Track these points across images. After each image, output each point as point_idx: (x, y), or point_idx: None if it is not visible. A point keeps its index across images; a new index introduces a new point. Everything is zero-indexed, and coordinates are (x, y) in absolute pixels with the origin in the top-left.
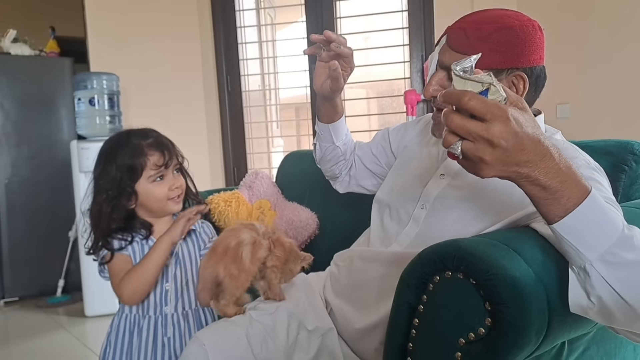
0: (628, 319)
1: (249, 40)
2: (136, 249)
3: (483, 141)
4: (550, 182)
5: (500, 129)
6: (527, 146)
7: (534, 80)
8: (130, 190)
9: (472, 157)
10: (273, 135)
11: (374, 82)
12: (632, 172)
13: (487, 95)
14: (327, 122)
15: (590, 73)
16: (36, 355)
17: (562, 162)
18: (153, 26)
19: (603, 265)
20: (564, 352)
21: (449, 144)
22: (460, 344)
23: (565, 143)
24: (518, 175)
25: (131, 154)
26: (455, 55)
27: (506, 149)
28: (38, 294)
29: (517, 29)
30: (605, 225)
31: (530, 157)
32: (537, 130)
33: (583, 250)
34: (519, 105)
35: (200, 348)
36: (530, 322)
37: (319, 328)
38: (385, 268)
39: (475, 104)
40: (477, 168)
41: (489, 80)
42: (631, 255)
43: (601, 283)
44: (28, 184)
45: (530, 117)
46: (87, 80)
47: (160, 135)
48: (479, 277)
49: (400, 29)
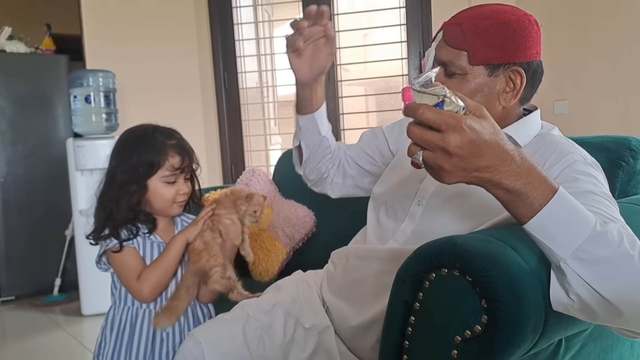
0: (609, 315)
1: (246, 37)
2: (141, 243)
3: (440, 150)
4: (514, 185)
5: (455, 138)
6: (485, 152)
7: (531, 75)
8: (143, 183)
9: (433, 165)
10: (271, 132)
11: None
12: (629, 168)
13: (442, 106)
14: (312, 112)
15: (588, 70)
16: (33, 355)
17: (524, 164)
18: (149, 23)
19: (577, 262)
20: (561, 350)
21: (412, 153)
22: (456, 342)
23: (562, 138)
24: (480, 180)
25: (154, 150)
26: (452, 51)
27: (463, 157)
28: (34, 293)
29: (513, 24)
30: (574, 223)
31: (489, 163)
32: (496, 135)
33: (555, 249)
34: (477, 113)
35: (196, 345)
36: (526, 320)
37: (315, 326)
38: (382, 265)
39: (429, 116)
40: (439, 175)
41: (443, 93)
42: (604, 251)
43: (577, 280)
44: (24, 182)
45: (488, 124)
46: (83, 78)
47: (183, 139)
48: (475, 274)
49: (398, 26)
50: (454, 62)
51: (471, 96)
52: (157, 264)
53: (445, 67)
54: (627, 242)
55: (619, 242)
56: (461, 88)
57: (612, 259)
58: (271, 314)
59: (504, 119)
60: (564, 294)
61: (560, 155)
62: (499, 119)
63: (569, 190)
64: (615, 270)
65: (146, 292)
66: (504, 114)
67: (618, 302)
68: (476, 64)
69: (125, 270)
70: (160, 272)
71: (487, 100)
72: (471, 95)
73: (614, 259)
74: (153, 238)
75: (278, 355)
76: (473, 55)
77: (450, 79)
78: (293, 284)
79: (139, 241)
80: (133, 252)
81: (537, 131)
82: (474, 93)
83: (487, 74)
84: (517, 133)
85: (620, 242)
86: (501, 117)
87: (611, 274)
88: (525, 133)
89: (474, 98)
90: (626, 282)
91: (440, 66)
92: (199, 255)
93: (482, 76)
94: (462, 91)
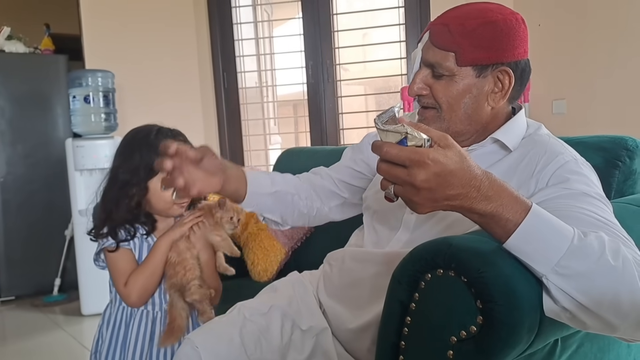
0: (599, 325)
1: (246, 37)
2: (137, 245)
3: (408, 185)
4: (485, 209)
5: (420, 173)
6: (452, 182)
7: (519, 74)
8: (144, 185)
9: (404, 198)
10: (270, 132)
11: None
12: (625, 167)
13: (406, 142)
14: (245, 195)
15: (586, 69)
16: (33, 354)
17: (494, 187)
18: (148, 23)
19: (558, 277)
20: (557, 350)
21: (384, 187)
22: (452, 342)
23: (551, 138)
24: (452, 208)
25: (155, 152)
26: (439, 53)
27: (431, 189)
28: (34, 293)
29: (500, 23)
30: (551, 239)
31: (458, 191)
32: (462, 163)
33: (534, 266)
34: (441, 144)
35: (193, 350)
36: (521, 320)
37: (313, 328)
38: (378, 267)
39: (394, 153)
40: (412, 207)
41: (404, 130)
42: (584, 265)
43: (561, 294)
44: (23, 183)
45: (454, 152)
46: (82, 78)
47: (187, 140)
48: (470, 274)
49: (397, 25)
50: (441, 64)
51: (460, 97)
52: (143, 269)
53: (433, 68)
54: (609, 252)
55: (599, 254)
56: (449, 89)
57: (593, 273)
58: (268, 316)
59: (494, 119)
60: (555, 305)
61: (551, 156)
62: (488, 120)
63: (562, 191)
64: (598, 283)
65: (134, 297)
66: (493, 114)
67: (606, 313)
68: (464, 65)
69: (117, 272)
70: (146, 277)
71: (475, 101)
72: (460, 96)
73: (595, 272)
74: (151, 240)
75: (276, 357)
76: (461, 56)
77: (438, 80)
78: (289, 285)
79: (136, 243)
80: (127, 256)
81: (524, 131)
82: (462, 94)
83: (475, 74)
84: (506, 136)
85: (601, 254)
86: (490, 118)
87: (594, 287)
88: (513, 135)
89: (463, 99)
90: (611, 294)
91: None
92: (173, 269)
93: (470, 77)
94: (450, 92)
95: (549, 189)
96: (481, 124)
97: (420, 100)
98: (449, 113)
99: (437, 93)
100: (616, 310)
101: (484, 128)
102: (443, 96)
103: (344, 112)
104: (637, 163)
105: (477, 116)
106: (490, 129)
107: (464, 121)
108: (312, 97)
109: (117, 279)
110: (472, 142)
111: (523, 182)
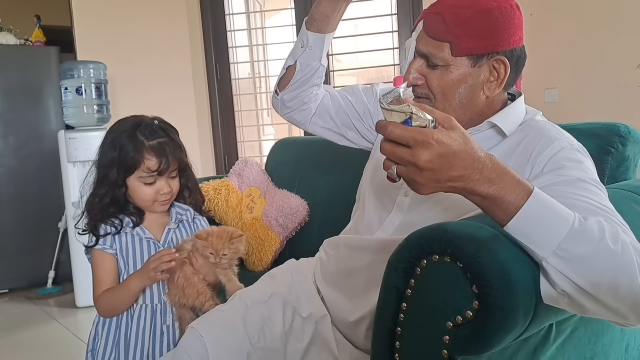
0: (598, 309)
1: (238, 28)
2: (123, 242)
3: (411, 165)
4: (487, 191)
5: (424, 153)
6: (456, 163)
7: (514, 62)
8: (121, 182)
9: (407, 179)
10: (264, 123)
11: (363, 69)
12: (618, 154)
13: (410, 123)
14: (326, 32)
15: (577, 58)
16: (27, 347)
17: (496, 169)
18: (140, 14)
19: (558, 260)
20: (552, 334)
21: (387, 168)
22: (448, 327)
23: (547, 124)
24: (454, 189)
25: (132, 149)
26: (434, 43)
27: (434, 170)
28: (28, 286)
29: (495, 11)
30: (552, 222)
31: (461, 172)
32: (466, 145)
33: (534, 249)
34: (445, 125)
35: (198, 339)
36: (517, 305)
37: (312, 315)
38: (373, 255)
39: (398, 133)
40: (414, 188)
41: (409, 110)
42: (585, 248)
43: (560, 277)
44: (16, 175)
45: (457, 134)
46: (73, 69)
47: (169, 137)
48: (466, 260)
49: (389, 15)
50: (435, 54)
51: (455, 87)
52: (115, 293)
53: (427, 58)
54: (609, 236)
55: (599, 237)
56: (444, 79)
57: (593, 256)
58: (269, 304)
59: (489, 107)
60: (553, 289)
61: (547, 142)
62: (483, 108)
63: (557, 178)
64: (597, 267)
65: (101, 310)
66: (489, 103)
67: (604, 297)
68: (459, 55)
69: (95, 278)
70: (113, 301)
71: (471, 90)
72: (455, 86)
73: (595, 256)
74: (141, 233)
75: (279, 346)
76: (456, 46)
77: (433, 70)
78: (287, 273)
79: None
80: (107, 264)
81: (522, 117)
82: (457, 84)
83: (470, 64)
84: (503, 122)
85: (601, 238)
86: (486, 106)
87: (593, 271)
88: (511, 121)
89: (458, 89)
90: (609, 277)
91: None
92: (182, 292)
93: (466, 67)
94: (445, 82)
95: (544, 175)
96: (476, 112)
97: (414, 90)
98: (443, 103)
99: (431, 83)
100: (614, 293)
101: (479, 115)
102: (438, 86)
103: None
104: (630, 149)
105: (472, 105)
106: (485, 116)
107: (458, 110)
108: None
109: (95, 283)
110: (468, 127)
111: (519, 168)
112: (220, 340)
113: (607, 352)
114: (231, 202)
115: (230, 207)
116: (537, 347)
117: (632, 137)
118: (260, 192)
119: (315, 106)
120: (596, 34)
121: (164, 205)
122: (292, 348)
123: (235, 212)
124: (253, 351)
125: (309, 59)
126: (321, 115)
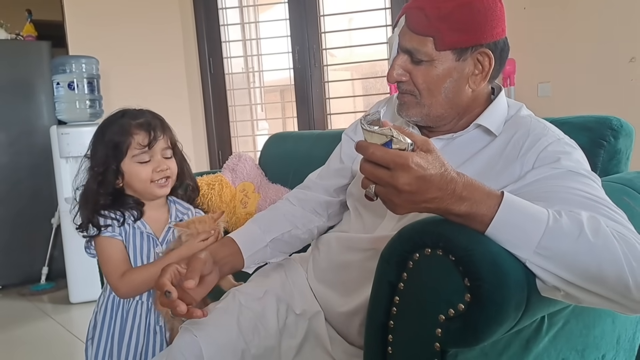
0: (593, 299)
1: (231, 22)
2: (130, 234)
3: (390, 187)
4: (459, 209)
5: (403, 176)
6: (432, 186)
7: (498, 54)
8: (116, 168)
9: (384, 199)
10: (257, 118)
11: (357, 63)
12: (610, 147)
13: (391, 145)
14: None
15: (570, 51)
16: (21, 344)
17: (467, 187)
18: (133, 8)
19: (540, 259)
20: (544, 327)
21: (365, 186)
22: (440, 320)
23: (533, 119)
24: (429, 210)
25: (118, 131)
26: (417, 38)
27: (412, 192)
28: (21, 282)
29: (477, 4)
30: (525, 225)
31: (436, 194)
32: (441, 168)
33: (516, 251)
34: (423, 148)
35: (192, 339)
36: (509, 298)
37: (306, 311)
38: (365, 251)
39: (379, 155)
40: (390, 207)
41: (390, 133)
42: (562, 244)
43: (547, 275)
44: (8, 171)
45: (434, 157)
46: (65, 64)
47: (155, 117)
48: (458, 253)
49: (383, 10)
50: (419, 50)
51: (440, 82)
52: (143, 272)
53: (411, 54)
54: (588, 229)
55: (578, 231)
56: (429, 75)
57: (574, 250)
58: (263, 301)
59: (474, 100)
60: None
61: (535, 139)
62: (469, 102)
63: (550, 172)
64: (580, 260)
65: (123, 291)
66: (474, 96)
67: (594, 287)
68: (443, 49)
69: (108, 262)
70: (143, 279)
71: (456, 84)
72: (440, 81)
73: (576, 250)
74: (142, 227)
75: (273, 343)
76: (439, 41)
77: (417, 65)
78: (280, 270)
79: (127, 230)
80: (114, 244)
81: (506, 112)
82: (442, 79)
83: (454, 58)
84: (488, 121)
85: (580, 232)
86: (471, 100)
87: (577, 264)
88: (495, 118)
89: (444, 84)
90: (594, 269)
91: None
92: None
93: (450, 61)
94: (430, 78)
95: (535, 170)
96: (462, 107)
97: (399, 87)
98: (429, 98)
99: (416, 79)
100: (603, 283)
101: (465, 110)
102: (423, 82)
103: (331, 97)
104: (622, 142)
105: (458, 99)
106: (471, 111)
107: (444, 105)
108: (299, 82)
109: (110, 269)
110: (454, 125)
111: (509, 165)
112: (214, 339)
113: (598, 343)
114: (225, 197)
115: (223, 202)
116: (530, 339)
117: (624, 130)
118: (254, 187)
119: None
120: (589, 28)
121: (163, 188)
122: (286, 345)
123: (228, 207)
124: (247, 349)
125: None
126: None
